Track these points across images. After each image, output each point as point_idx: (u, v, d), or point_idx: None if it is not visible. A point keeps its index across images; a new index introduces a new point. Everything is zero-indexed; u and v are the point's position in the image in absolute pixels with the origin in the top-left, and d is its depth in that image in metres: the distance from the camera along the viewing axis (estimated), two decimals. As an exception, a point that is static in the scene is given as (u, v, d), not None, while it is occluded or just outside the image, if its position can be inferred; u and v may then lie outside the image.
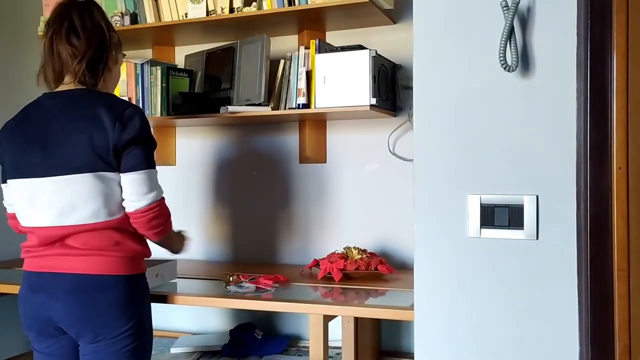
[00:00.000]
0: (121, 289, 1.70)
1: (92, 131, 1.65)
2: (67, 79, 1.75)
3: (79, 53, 1.72)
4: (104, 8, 2.60)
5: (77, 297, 1.67)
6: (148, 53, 2.80)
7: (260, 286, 2.03)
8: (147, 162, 1.71)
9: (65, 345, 1.75)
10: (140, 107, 2.55)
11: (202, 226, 2.75)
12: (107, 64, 1.78)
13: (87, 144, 1.65)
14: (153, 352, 1.85)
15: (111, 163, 1.67)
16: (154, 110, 2.52)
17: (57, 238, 1.70)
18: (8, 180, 1.77)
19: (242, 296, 1.94)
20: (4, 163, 1.78)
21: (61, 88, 1.75)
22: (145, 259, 1.82)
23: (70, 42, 1.72)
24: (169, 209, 1.79)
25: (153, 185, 1.72)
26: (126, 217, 1.72)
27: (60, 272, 1.70)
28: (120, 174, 1.68)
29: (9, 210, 1.84)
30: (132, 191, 1.69)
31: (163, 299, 1.98)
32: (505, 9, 1.35)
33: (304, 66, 2.28)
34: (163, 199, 1.76)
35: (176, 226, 1.88)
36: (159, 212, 1.73)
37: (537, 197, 1.39)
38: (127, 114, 1.69)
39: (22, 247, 1.78)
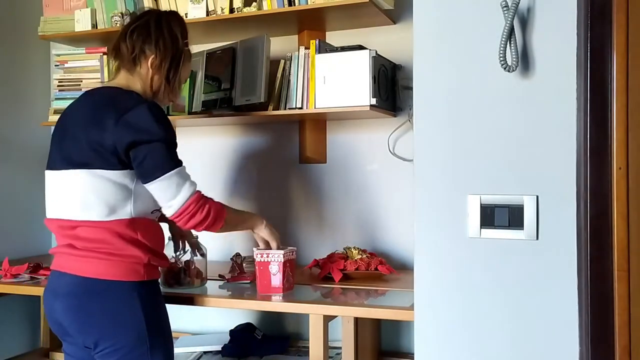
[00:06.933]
0: (119, 297, 1.62)
1: (93, 127, 1.61)
2: (117, 77, 1.78)
3: (124, 52, 1.75)
4: (104, 8, 2.63)
5: (73, 300, 1.62)
6: (148, 53, 2.79)
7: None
8: (164, 165, 1.62)
9: (80, 348, 1.69)
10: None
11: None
12: (140, 69, 1.75)
13: (86, 140, 1.61)
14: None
15: (110, 161, 1.60)
16: (154, 110, 2.51)
17: (65, 233, 1.67)
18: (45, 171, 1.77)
19: (243, 296, 1.94)
20: None
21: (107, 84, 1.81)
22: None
23: (124, 42, 1.75)
24: (208, 199, 1.69)
25: (178, 186, 1.63)
26: (127, 221, 1.64)
27: (64, 272, 1.66)
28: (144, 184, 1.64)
29: None
30: (159, 198, 1.64)
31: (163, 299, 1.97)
32: (505, 9, 1.35)
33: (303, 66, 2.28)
34: (197, 193, 1.66)
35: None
36: (194, 210, 1.64)
37: (537, 197, 1.39)
38: (132, 111, 1.60)
39: None
